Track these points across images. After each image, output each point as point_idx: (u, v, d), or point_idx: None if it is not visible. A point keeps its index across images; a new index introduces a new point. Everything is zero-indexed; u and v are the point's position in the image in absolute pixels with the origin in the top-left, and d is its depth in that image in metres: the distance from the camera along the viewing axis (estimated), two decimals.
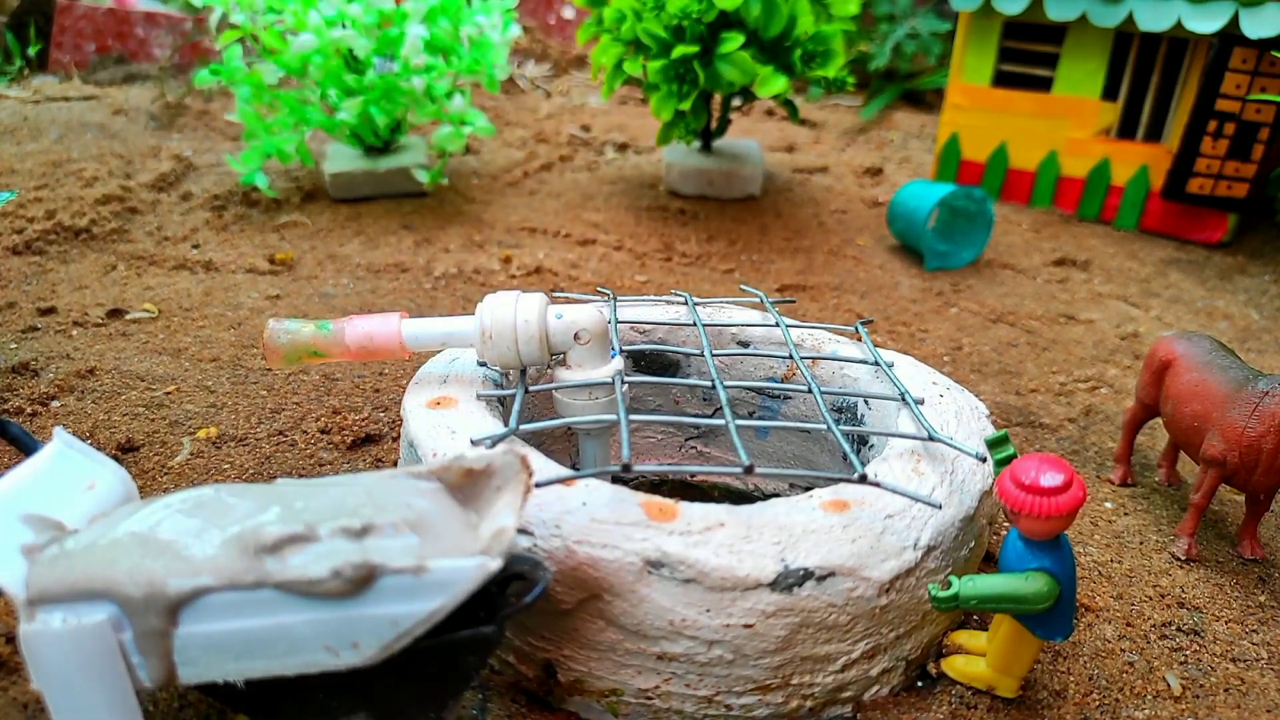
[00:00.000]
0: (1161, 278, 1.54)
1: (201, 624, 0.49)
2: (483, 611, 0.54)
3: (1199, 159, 1.59)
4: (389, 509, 0.52)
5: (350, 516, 0.51)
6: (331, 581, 0.48)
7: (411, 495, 0.54)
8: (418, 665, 0.52)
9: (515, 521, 0.51)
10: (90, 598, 0.49)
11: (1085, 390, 1.17)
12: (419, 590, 0.48)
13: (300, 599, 0.48)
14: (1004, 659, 0.64)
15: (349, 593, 0.48)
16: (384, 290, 1.32)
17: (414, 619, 0.48)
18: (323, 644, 0.49)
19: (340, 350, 0.74)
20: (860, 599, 0.60)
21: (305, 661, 0.49)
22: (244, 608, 0.49)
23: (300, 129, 1.59)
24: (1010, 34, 1.77)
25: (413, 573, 0.48)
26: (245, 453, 0.92)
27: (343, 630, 0.49)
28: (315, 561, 0.48)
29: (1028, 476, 0.57)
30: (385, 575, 0.48)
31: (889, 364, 0.82)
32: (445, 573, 0.48)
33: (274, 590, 0.48)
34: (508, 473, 0.55)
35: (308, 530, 0.50)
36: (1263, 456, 0.77)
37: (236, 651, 0.49)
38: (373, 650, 0.49)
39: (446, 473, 0.56)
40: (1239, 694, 0.68)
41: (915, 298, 1.41)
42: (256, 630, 0.49)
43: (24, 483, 0.56)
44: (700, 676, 0.60)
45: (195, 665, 0.50)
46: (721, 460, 0.94)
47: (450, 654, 0.53)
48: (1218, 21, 1.48)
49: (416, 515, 0.52)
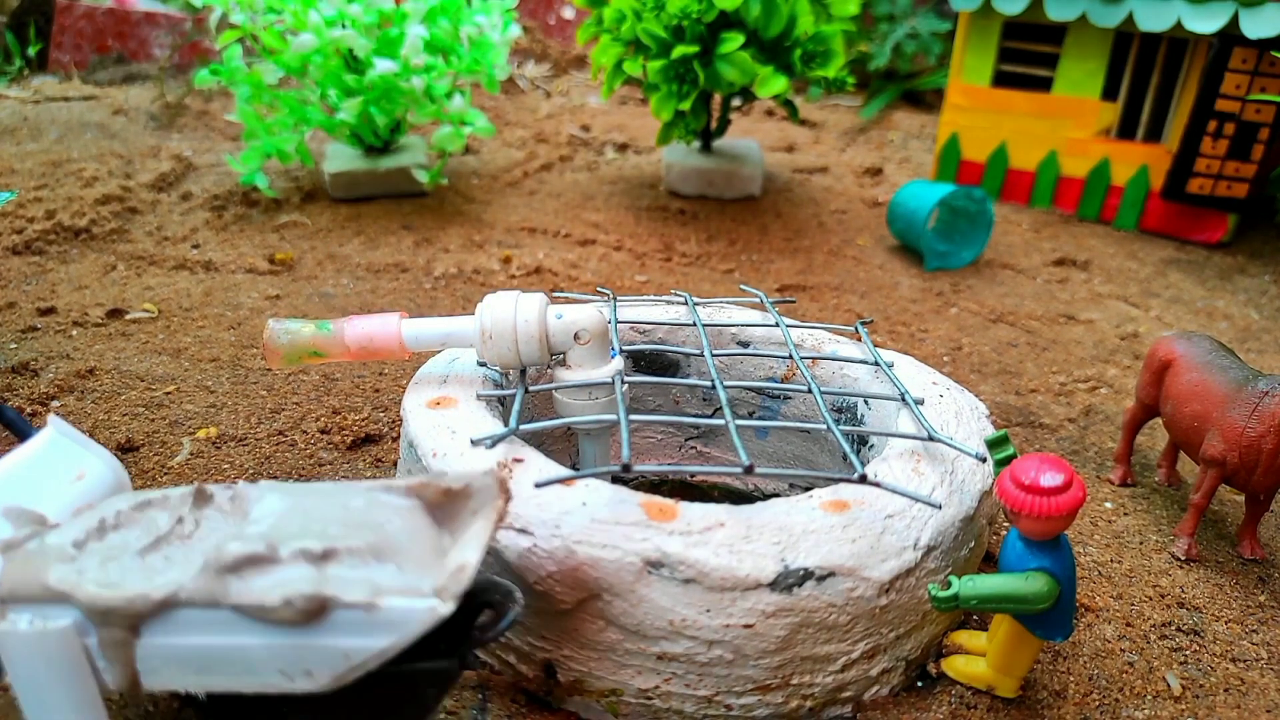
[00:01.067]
0: (1161, 278, 1.54)
1: (162, 637, 0.49)
2: (444, 644, 0.53)
3: (1199, 159, 1.59)
4: (359, 530, 0.51)
5: (315, 538, 0.50)
6: (283, 610, 0.47)
7: (386, 513, 0.53)
8: (376, 694, 0.52)
9: (478, 558, 0.50)
10: (57, 601, 0.49)
11: (1085, 390, 1.17)
12: (371, 626, 0.47)
13: (254, 622, 0.48)
14: (1004, 659, 0.64)
15: (300, 621, 0.47)
16: (384, 290, 1.32)
17: (366, 654, 0.48)
18: (277, 668, 0.49)
19: (340, 350, 0.74)
20: (860, 599, 0.60)
21: (261, 682, 0.49)
22: (202, 625, 0.49)
23: (300, 129, 1.59)
24: (1010, 34, 1.77)
25: (364, 609, 0.47)
26: (245, 453, 0.91)
27: (296, 657, 0.48)
28: (271, 587, 0.48)
29: (1028, 476, 0.57)
30: (337, 608, 0.47)
31: (889, 364, 0.82)
32: (396, 612, 0.47)
33: (230, 611, 0.48)
34: (484, 496, 0.54)
35: (269, 550, 0.49)
36: (1262, 456, 0.77)
37: (196, 666, 0.49)
38: (325, 679, 0.49)
39: (425, 490, 0.56)
40: (1239, 694, 0.68)
41: (915, 298, 1.41)
42: (214, 648, 0.49)
43: (11, 471, 0.56)
44: (700, 677, 0.60)
45: (158, 675, 0.50)
46: (721, 460, 0.94)
47: (408, 685, 0.52)
48: (1217, 21, 1.48)
49: (384, 539, 0.51)
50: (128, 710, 0.61)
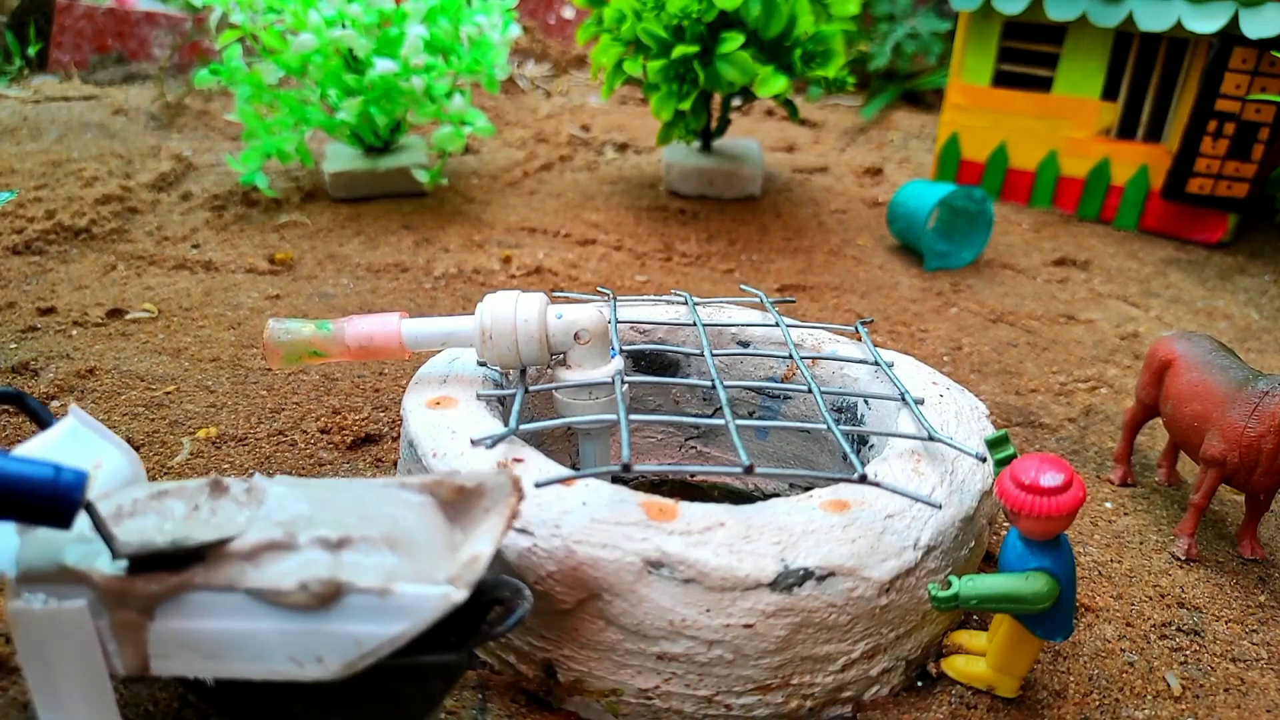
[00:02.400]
0: (1161, 278, 1.54)
1: (175, 620, 0.49)
2: (454, 636, 0.53)
3: (1199, 159, 1.59)
4: (373, 521, 0.51)
5: (331, 526, 0.50)
6: (297, 594, 0.47)
7: (399, 508, 0.54)
8: (383, 684, 0.52)
9: (492, 550, 0.50)
10: (72, 581, 0.49)
11: (1085, 390, 1.17)
12: (384, 612, 0.48)
13: (268, 607, 0.48)
14: (1004, 659, 0.64)
15: (314, 606, 0.48)
16: (384, 290, 1.32)
17: (377, 640, 0.48)
18: (288, 654, 0.49)
19: (340, 350, 0.74)
20: (860, 599, 0.60)
21: (271, 669, 0.49)
22: (215, 609, 0.49)
23: (300, 129, 1.59)
24: (1010, 34, 1.77)
25: (378, 594, 0.48)
26: (245, 452, 0.91)
27: (308, 643, 0.48)
28: (288, 571, 0.48)
29: (1028, 476, 0.57)
30: (351, 593, 0.48)
31: (889, 364, 0.82)
32: (409, 598, 0.48)
33: (244, 595, 0.48)
34: (497, 494, 0.55)
35: (287, 537, 0.50)
36: (1262, 456, 0.77)
37: (207, 651, 0.50)
38: (336, 666, 0.49)
39: (439, 488, 0.56)
40: (1239, 694, 0.68)
41: (915, 298, 1.41)
42: (226, 633, 0.49)
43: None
44: (700, 676, 0.60)
45: (168, 659, 0.50)
46: (721, 460, 0.94)
47: (416, 677, 0.52)
48: (1218, 21, 1.48)
49: (398, 531, 0.51)
50: (127, 710, 0.61)
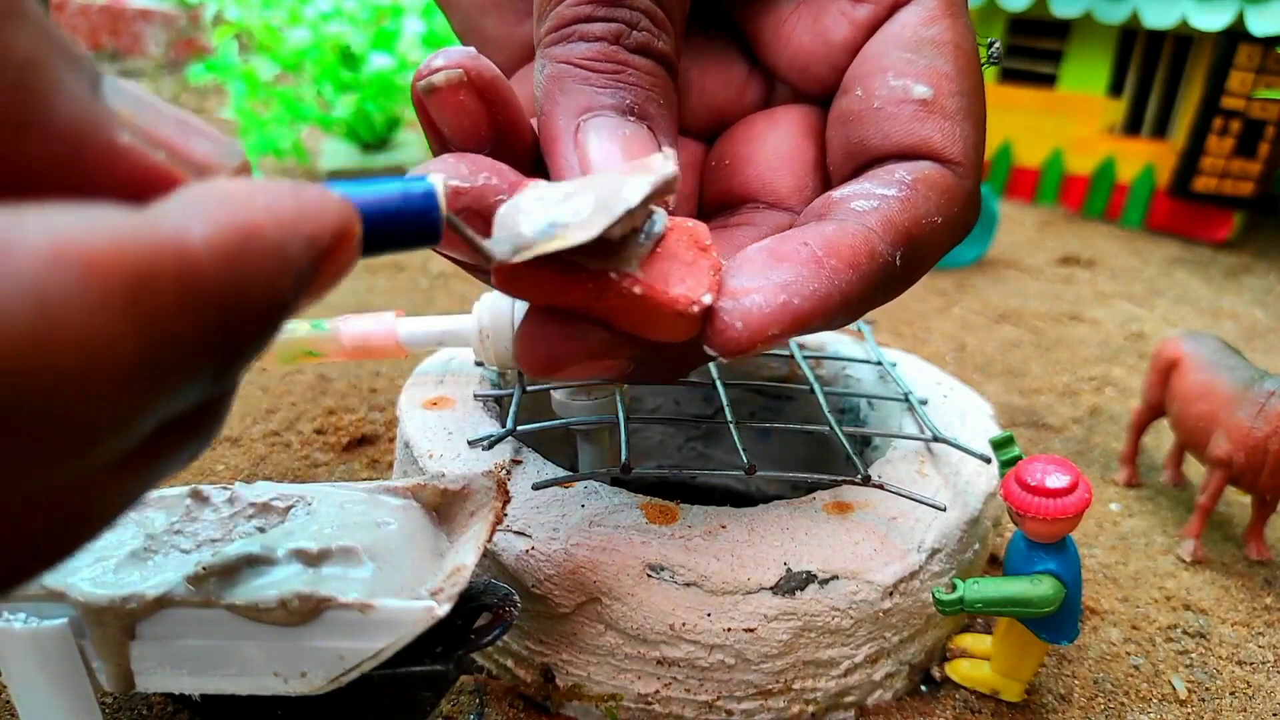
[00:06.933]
0: (1167, 276, 1.53)
1: (157, 637, 0.48)
2: (440, 647, 0.52)
3: (1205, 157, 1.58)
4: (354, 530, 0.51)
5: (311, 538, 0.50)
6: (277, 611, 0.46)
7: (382, 514, 0.53)
8: (370, 697, 0.51)
9: (475, 559, 0.49)
10: (51, 600, 0.48)
11: (1091, 390, 1.16)
12: (366, 627, 0.47)
13: (249, 623, 0.47)
14: (1009, 663, 0.63)
15: (294, 622, 0.47)
16: (380, 288, 1.31)
17: (360, 655, 0.47)
18: (272, 669, 0.48)
19: (336, 349, 0.74)
20: (864, 602, 0.59)
21: (255, 684, 0.49)
22: (197, 626, 0.48)
23: (295, 125, 1.58)
24: (1014, 30, 1.76)
25: (359, 609, 0.47)
26: (239, 453, 0.91)
27: (291, 658, 0.48)
28: (266, 587, 0.47)
29: (1033, 478, 0.56)
30: (332, 609, 0.47)
31: (892, 364, 0.81)
32: (392, 613, 0.47)
33: (225, 611, 0.47)
34: (482, 498, 0.54)
35: (265, 551, 0.49)
36: (1269, 457, 0.76)
37: (190, 667, 0.49)
38: (320, 680, 0.48)
39: (423, 491, 0.55)
40: (1245, 697, 0.67)
41: (918, 297, 1.40)
42: (209, 649, 0.48)
43: None
44: (701, 681, 0.59)
45: (152, 676, 0.49)
46: (722, 462, 0.93)
47: (404, 688, 0.52)
48: (1223, 18, 1.47)
49: (381, 540, 0.50)
50: (120, 715, 0.60)
